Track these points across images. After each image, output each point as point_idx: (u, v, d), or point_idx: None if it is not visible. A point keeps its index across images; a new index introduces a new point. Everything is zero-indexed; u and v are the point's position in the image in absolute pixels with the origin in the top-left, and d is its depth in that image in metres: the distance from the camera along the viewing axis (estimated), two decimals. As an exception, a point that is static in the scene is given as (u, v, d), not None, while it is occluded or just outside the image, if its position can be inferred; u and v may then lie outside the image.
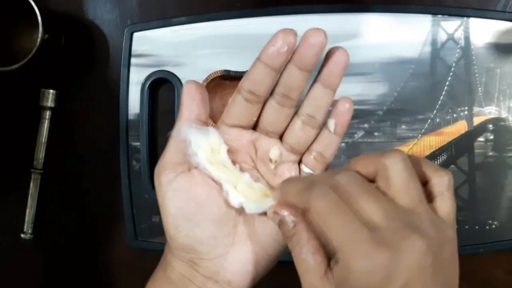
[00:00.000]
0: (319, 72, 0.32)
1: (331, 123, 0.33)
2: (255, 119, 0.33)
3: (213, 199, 0.32)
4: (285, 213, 0.29)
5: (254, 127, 0.34)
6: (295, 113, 0.33)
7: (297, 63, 0.30)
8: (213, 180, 0.32)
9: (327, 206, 0.26)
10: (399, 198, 0.26)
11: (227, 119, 0.33)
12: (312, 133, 0.33)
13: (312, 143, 0.34)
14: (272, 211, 0.30)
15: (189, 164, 0.32)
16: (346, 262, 0.25)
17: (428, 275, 0.25)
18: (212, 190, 0.32)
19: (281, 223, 0.29)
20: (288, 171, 0.34)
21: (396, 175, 0.27)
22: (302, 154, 0.34)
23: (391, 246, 0.24)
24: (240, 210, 0.33)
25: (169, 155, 0.33)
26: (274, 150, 0.34)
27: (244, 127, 0.33)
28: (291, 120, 0.33)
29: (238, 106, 0.32)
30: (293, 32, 0.29)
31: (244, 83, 0.32)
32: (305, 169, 0.34)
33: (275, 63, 0.30)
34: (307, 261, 0.27)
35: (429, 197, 0.29)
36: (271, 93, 0.32)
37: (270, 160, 0.34)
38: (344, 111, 0.33)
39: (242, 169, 0.33)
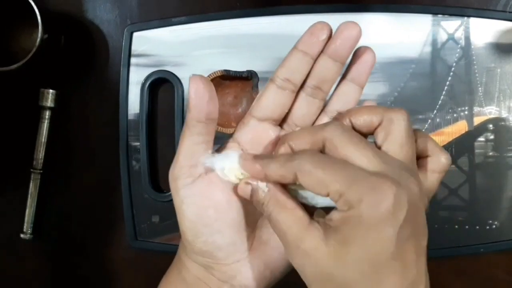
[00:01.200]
0: (348, 70, 0.32)
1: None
2: (286, 111, 0.33)
3: (232, 204, 0.32)
4: (256, 181, 0.30)
5: (281, 124, 0.33)
6: (322, 110, 0.33)
7: (333, 54, 0.31)
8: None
9: (319, 159, 0.27)
10: (394, 151, 0.28)
11: (258, 111, 0.33)
12: (318, 105, 0.33)
13: (330, 98, 0.34)
14: (244, 182, 0.30)
15: (206, 167, 0.32)
16: (353, 199, 0.25)
17: (420, 218, 0.26)
18: (231, 194, 0.32)
19: (253, 193, 0.30)
20: None
21: (399, 129, 0.28)
22: None
23: (394, 182, 0.25)
24: (258, 214, 0.33)
25: (184, 158, 0.31)
26: None
27: (274, 121, 0.33)
28: (317, 118, 0.33)
29: (271, 96, 0.32)
30: (328, 25, 0.31)
31: (279, 72, 0.32)
32: None
33: (313, 51, 0.31)
34: (288, 218, 0.28)
35: (420, 169, 0.30)
36: (302, 86, 0.32)
37: None
38: (370, 60, 0.33)
39: None
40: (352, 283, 0.25)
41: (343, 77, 0.33)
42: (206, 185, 0.31)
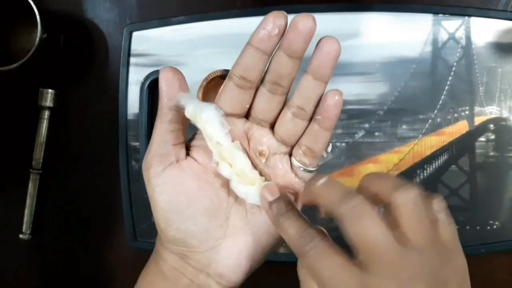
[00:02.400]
0: (309, 63, 0.31)
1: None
2: (247, 106, 0.32)
3: (204, 191, 0.32)
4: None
5: (247, 116, 0.33)
6: (285, 103, 0.32)
7: (286, 50, 0.29)
8: (204, 166, 0.32)
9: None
10: (412, 235, 0.27)
11: (220, 106, 0.32)
12: (302, 125, 0.32)
13: (301, 136, 0.33)
14: (274, 188, 0.31)
15: (176, 155, 0.32)
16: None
17: None
18: (203, 181, 0.32)
19: (277, 201, 0.30)
20: (280, 162, 0.33)
21: (409, 215, 0.27)
22: (293, 147, 0.33)
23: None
24: (231, 202, 0.33)
25: (156, 147, 0.32)
26: (263, 146, 0.33)
27: (237, 116, 0.33)
28: (281, 111, 0.32)
29: (230, 93, 0.32)
30: (283, 14, 0.29)
31: (235, 69, 0.31)
32: (295, 162, 0.33)
33: (266, 46, 0.29)
34: (334, 264, 0.27)
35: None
36: (262, 80, 0.31)
37: (260, 154, 0.33)
38: (333, 104, 0.31)
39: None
40: None
41: (306, 70, 0.31)
42: (177, 173, 0.31)
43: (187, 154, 0.33)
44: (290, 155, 0.34)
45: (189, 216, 0.31)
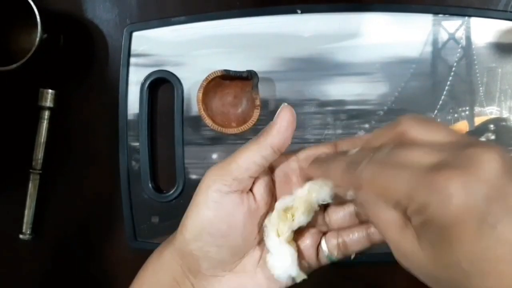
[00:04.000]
0: None
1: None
2: None
3: (244, 228, 0.32)
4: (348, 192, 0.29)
5: None
6: None
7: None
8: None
9: (378, 168, 0.25)
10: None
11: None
12: (354, 223, 0.33)
13: (345, 229, 0.33)
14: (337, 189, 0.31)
15: (245, 186, 0.32)
16: (421, 208, 0.23)
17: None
18: (248, 219, 0.32)
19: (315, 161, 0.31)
20: (311, 237, 0.34)
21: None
22: (329, 230, 0.34)
23: (458, 168, 0.22)
24: (254, 245, 0.33)
25: (236, 167, 0.31)
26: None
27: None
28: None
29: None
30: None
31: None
32: (324, 245, 0.34)
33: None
34: (383, 218, 0.26)
35: None
36: None
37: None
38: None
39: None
40: (464, 280, 0.22)
41: None
42: (236, 203, 0.31)
43: (251, 187, 0.33)
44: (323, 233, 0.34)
45: (219, 244, 0.31)
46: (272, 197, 0.34)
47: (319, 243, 0.34)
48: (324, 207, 0.34)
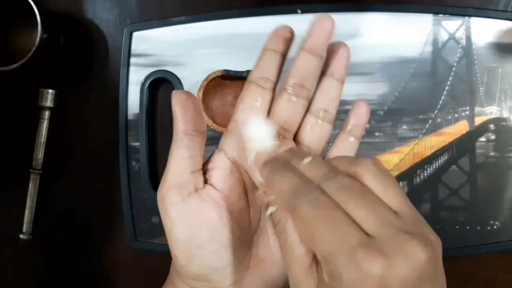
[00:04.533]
0: (326, 66, 0.32)
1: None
2: (268, 108, 0.32)
3: (225, 223, 0.30)
4: (270, 197, 0.28)
5: None
6: (307, 110, 0.32)
7: (310, 47, 0.31)
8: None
9: (314, 213, 0.23)
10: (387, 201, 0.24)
11: (242, 113, 0.31)
12: (328, 129, 0.32)
13: (332, 149, 0.33)
14: (262, 191, 0.29)
15: (195, 184, 0.30)
16: (334, 271, 0.22)
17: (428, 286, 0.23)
18: (224, 211, 0.30)
19: (267, 206, 0.28)
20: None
21: (374, 181, 0.25)
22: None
23: (385, 253, 0.22)
24: (253, 231, 0.31)
25: (173, 175, 0.30)
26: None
27: None
28: (303, 119, 0.32)
29: (251, 96, 0.31)
30: (290, 28, 0.32)
31: (255, 72, 0.32)
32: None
33: (282, 48, 0.31)
34: (292, 251, 0.25)
35: None
36: (282, 88, 0.32)
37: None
38: (364, 112, 0.33)
39: None
40: None
41: (323, 73, 0.32)
42: (197, 204, 0.29)
43: (205, 180, 0.31)
44: None
45: (212, 250, 0.29)
46: (239, 173, 0.31)
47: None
48: None
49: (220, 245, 0.30)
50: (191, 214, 0.29)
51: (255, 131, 0.30)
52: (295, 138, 0.32)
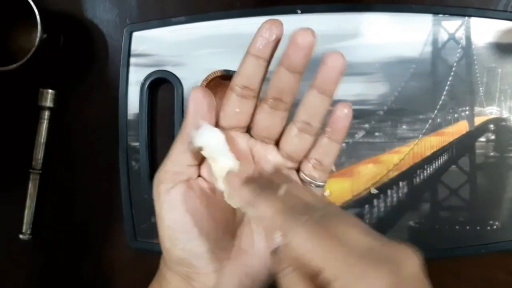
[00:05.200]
0: (315, 78, 0.30)
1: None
2: (249, 117, 0.32)
3: (211, 211, 0.31)
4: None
5: (250, 134, 0.33)
6: (288, 120, 0.32)
7: (287, 65, 0.30)
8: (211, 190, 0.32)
9: (310, 235, 0.24)
10: None
11: (223, 120, 0.32)
12: (309, 140, 0.32)
13: (309, 150, 0.33)
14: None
15: (188, 174, 0.32)
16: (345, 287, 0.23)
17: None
18: (210, 202, 0.32)
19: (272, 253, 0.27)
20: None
21: None
22: (300, 162, 0.33)
23: (388, 260, 0.23)
24: (238, 223, 0.32)
25: (171, 164, 0.32)
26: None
27: (241, 129, 0.33)
28: (286, 127, 0.32)
29: (232, 104, 0.31)
30: (279, 22, 0.29)
31: (236, 80, 0.31)
32: (304, 177, 0.33)
33: (265, 53, 0.30)
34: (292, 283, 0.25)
35: None
36: (263, 98, 0.32)
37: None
38: (343, 116, 0.31)
39: None
40: None
41: (311, 85, 0.31)
42: (185, 191, 0.31)
43: (198, 172, 0.33)
44: (297, 170, 0.33)
45: (195, 236, 0.31)
46: None
47: (300, 180, 0.33)
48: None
49: (203, 232, 0.31)
50: (178, 199, 0.31)
51: (206, 139, 0.30)
52: (278, 144, 0.33)
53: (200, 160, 0.32)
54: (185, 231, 0.31)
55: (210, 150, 0.30)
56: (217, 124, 0.32)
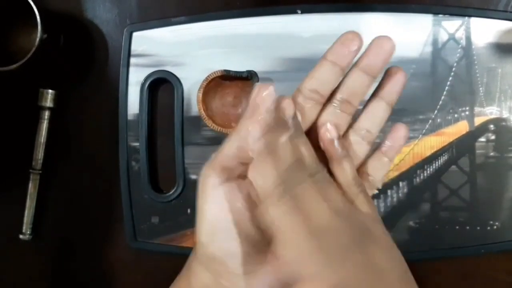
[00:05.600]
0: (380, 88, 0.33)
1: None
2: (312, 122, 0.32)
3: (252, 216, 0.31)
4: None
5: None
6: (350, 127, 0.33)
7: (365, 67, 0.31)
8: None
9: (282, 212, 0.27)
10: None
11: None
12: (366, 149, 0.33)
13: (363, 165, 0.34)
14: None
15: (240, 172, 0.31)
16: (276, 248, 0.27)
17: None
18: (253, 205, 0.31)
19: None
20: None
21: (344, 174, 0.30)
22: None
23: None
24: None
25: (225, 158, 0.30)
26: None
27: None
28: (345, 134, 0.33)
29: (297, 108, 0.31)
30: (359, 35, 0.31)
31: (307, 82, 0.31)
32: None
33: (343, 62, 0.31)
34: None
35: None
36: (329, 99, 0.32)
37: None
38: (402, 136, 0.33)
39: None
40: None
41: (374, 94, 0.33)
42: (234, 190, 0.30)
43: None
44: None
45: (234, 236, 0.30)
46: None
47: None
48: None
49: (242, 233, 0.30)
50: (225, 197, 0.30)
51: None
52: None
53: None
54: (225, 229, 0.30)
55: None
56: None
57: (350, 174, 0.31)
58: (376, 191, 0.34)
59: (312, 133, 0.32)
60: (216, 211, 0.30)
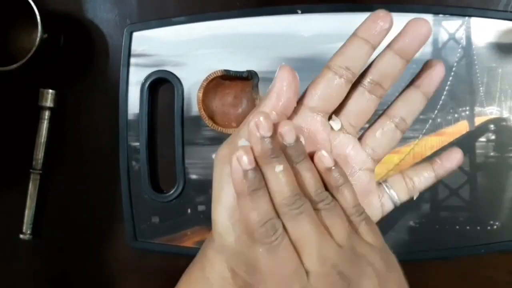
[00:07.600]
0: (418, 78, 0.32)
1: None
2: (340, 102, 0.30)
3: None
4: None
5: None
6: (383, 113, 0.32)
7: (399, 49, 0.30)
8: None
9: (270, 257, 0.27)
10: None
11: (311, 100, 0.30)
12: (398, 137, 0.32)
13: (409, 170, 0.33)
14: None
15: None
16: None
17: None
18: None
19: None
20: (369, 181, 0.33)
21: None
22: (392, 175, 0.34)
23: None
24: None
25: (240, 140, 0.29)
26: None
27: (326, 113, 0.30)
28: (374, 122, 0.32)
29: (327, 84, 0.29)
30: (391, 14, 0.29)
31: (337, 60, 0.30)
32: (387, 189, 0.34)
33: (375, 39, 0.29)
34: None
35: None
36: (358, 82, 0.31)
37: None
38: (457, 161, 0.33)
39: None
40: None
41: (411, 83, 0.32)
42: None
43: None
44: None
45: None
46: None
47: (383, 189, 0.33)
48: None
49: None
50: None
51: None
52: (361, 137, 0.32)
53: None
54: (240, 220, 0.28)
55: None
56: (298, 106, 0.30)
57: (350, 202, 0.29)
58: (411, 198, 0.34)
59: (341, 116, 0.31)
60: (232, 199, 0.28)
